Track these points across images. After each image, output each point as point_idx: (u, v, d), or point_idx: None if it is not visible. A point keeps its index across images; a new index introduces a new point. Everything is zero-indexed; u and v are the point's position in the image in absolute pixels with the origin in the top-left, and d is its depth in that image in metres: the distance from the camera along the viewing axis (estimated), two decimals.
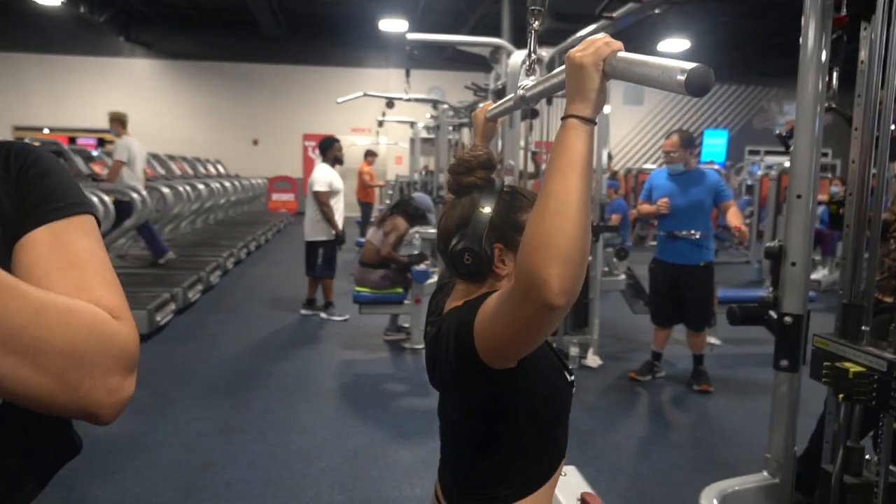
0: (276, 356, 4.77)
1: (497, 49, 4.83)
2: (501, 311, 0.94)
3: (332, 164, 5.74)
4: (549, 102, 4.87)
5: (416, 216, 5.09)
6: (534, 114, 5.20)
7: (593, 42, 0.87)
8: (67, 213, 0.70)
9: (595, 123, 0.89)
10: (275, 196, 15.71)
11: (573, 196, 0.84)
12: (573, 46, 0.91)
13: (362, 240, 5.90)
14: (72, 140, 13.96)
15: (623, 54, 0.84)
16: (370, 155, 10.94)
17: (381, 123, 10.82)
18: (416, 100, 7.02)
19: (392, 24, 12.00)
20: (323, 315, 5.94)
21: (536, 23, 1.14)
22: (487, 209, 1.16)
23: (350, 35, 14.26)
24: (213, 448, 3.21)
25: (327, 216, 5.60)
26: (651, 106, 17.04)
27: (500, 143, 5.33)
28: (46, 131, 15.05)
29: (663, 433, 3.63)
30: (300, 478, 2.93)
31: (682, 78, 0.73)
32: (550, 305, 0.83)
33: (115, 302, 0.64)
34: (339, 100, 7.38)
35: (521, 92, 1.23)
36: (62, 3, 11.34)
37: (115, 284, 0.67)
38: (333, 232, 5.64)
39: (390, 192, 12.71)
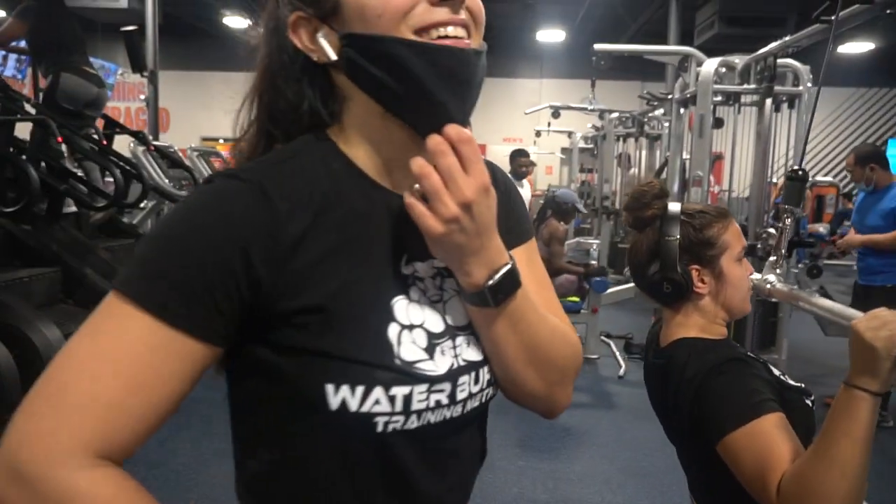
0: None
1: (686, 57, 4.73)
2: (742, 474, 1.01)
3: (515, 178, 5.85)
4: (739, 111, 4.68)
5: (566, 212, 5.11)
6: (718, 123, 5.04)
7: (884, 321, 0.90)
8: (530, 235, 0.79)
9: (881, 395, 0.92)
10: None
11: (860, 468, 0.89)
12: (770, 56, 0.91)
13: None
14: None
15: None
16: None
17: (538, 133, 10.88)
18: (601, 110, 7.02)
19: (549, 35, 12.05)
20: None
21: None
22: (674, 236, 1.19)
23: (504, 46, 14.49)
24: None
25: None
26: (825, 113, 15.80)
27: (683, 153, 5.21)
28: (221, 141, 16.60)
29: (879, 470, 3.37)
30: (502, 475, 3.04)
31: None
32: None
33: (567, 319, 0.76)
34: (527, 111, 7.55)
35: (767, 286, 1.31)
36: (248, 24, 12.48)
37: (560, 305, 0.79)
38: None
39: (541, 201, 12.73)
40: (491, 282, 0.63)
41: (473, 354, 0.67)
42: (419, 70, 0.60)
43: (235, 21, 11.83)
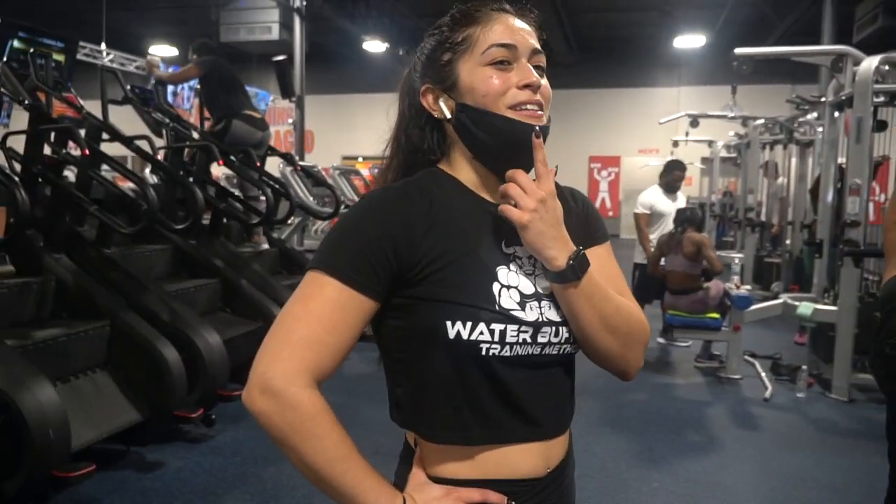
0: None
1: (840, 57, 4.39)
2: None
3: (666, 189, 5.65)
4: None
5: (702, 223, 4.97)
6: (881, 126, 4.61)
7: None
8: (606, 238, 1.04)
9: None
10: None
11: None
12: None
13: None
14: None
15: None
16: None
17: (676, 143, 10.46)
18: (743, 117, 6.67)
19: (688, 41, 11.60)
20: (660, 340, 5.70)
21: None
22: None
23: (641, 55, 14.10)
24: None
25: (640, 238, 5.57)
26: None
27: (839, 158, 4.82)
28: (360, 159, 17.44)
29: None
30: (635, 495, 2.95)
31: None
32: None
33: (637, 306, 0.97)
34: (662, 120, 7.37)
35: None
36: (386, 48, 13.08)
37: (630, 292, 0.99)
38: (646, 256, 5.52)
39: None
40: (572, 261, 0.87)
41: (554, 315, 0.91)
42: (505, 135, 0.89)
43: (374, 45, 12.45)
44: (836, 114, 4.77)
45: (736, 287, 4.66)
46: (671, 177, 5.61)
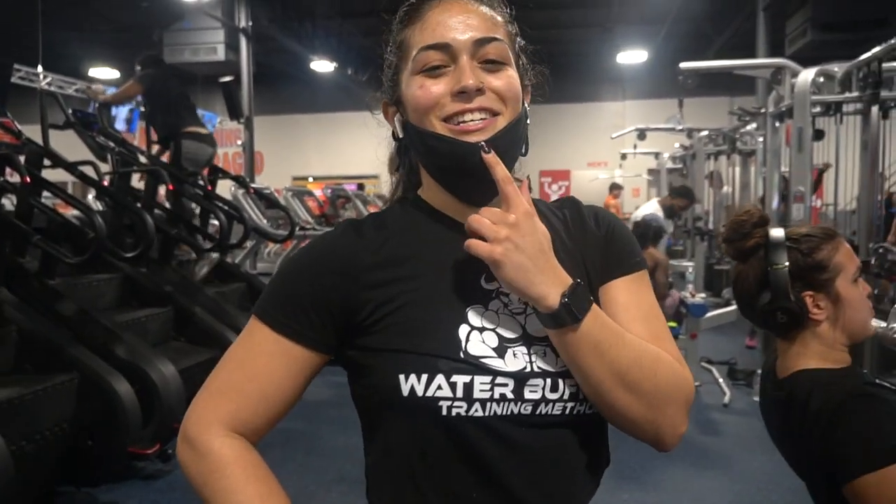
0: None
1: (779, 70, 4.56)
2: None
3: (667, 214, 5.67)
4: (840, 121, 4.45)
5: (658, 236, 5.01)
6: (819, 135, 4.80)
7: None
8: (640, 268, 0.82)
9: None
10: None
11: None
12: (874, 61, 0.86)
13: None
14: (338, 185, 15.85)
15: None
16: (615, 188, 10.88)
17: (624, 156, 10.70)
18: (689, 129, 6.87)
19: (630, 56, 11.91)
20: None
21: None
22: (782, 263, 1.14)
23: (586, 71, 14.42)
24: None
25: None
26: None
27: (781, 168, 4.99)
28: (311, 179, 17.26)
29: None
30: None
31: None
32: None
33: (678, 355, 0.77)
34: (614, 135, 7.53)
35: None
36: (334, 68, 13.03)
37: (670, 335, 0.80)
38: None
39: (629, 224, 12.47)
40: (566, 299, 0.68)
41: (550, 364, 0.73)
42: (443, 158, 0.75)
43: (322, 65, 12.38)
44: (777, 124, 4.94)
45: (691, 295, 4.76)
46: (669, 198, 5.67)
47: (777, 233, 1.18)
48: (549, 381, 0.72)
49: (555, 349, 0.73)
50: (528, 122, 0.81)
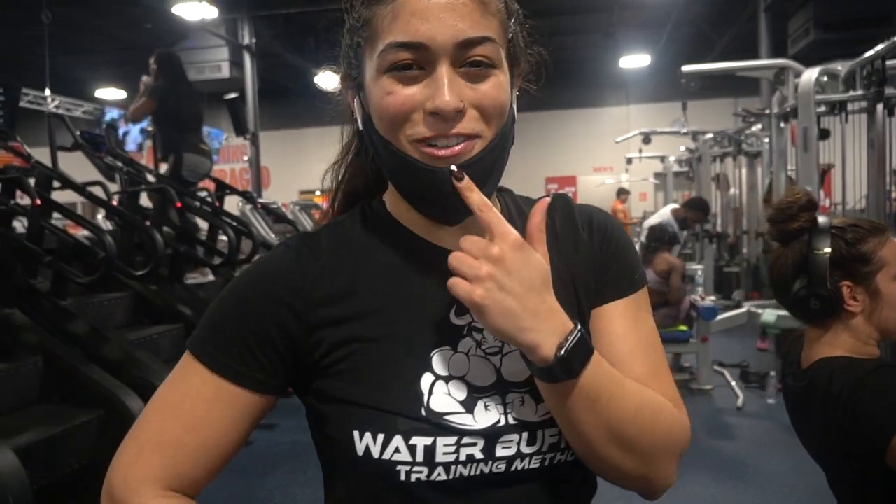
0: None
1: (782, 70, 4.56)
2: None
3: (679, 224, 5.66)
4: (846, 120, 4.43)
5: (674, 241, 5.00)
6: (824, 135, 4.79)
7: None
8: (639, 286, 0.72)
9: None
10: None
11: None
12: (878, 59, 0.85)
13: None
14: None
15: None
16: (623, 193, 10.88)
17: (630, 160, 10.70)
18: (694, 132, 6.87)
19: (633, 61, 11.92)
20: None
21: None
22: (825, 249, 1.12)
23: (590, 76, 14.45)
24: None
25: None
26: None
27: (787, 168, 4.98)
28: (317, 193, 17.33)
29: None
30: None
31: None
32: None
33: (675, 394, 0.69)
34: (618, 139, 7.51)
35: None
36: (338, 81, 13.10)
37: (668, 369, 0.72)
38: None
39: (637, 229, 12.45)
40: (563, 351, 0.57)
41: (528, 414, 0.63)
42: (409, 180, 0.63)
43: (326, 78, 12.47)
44: (782, 124, 4.94)
45: (701, 298, 4.74)
46: (691, 216, 5.66)
47: (824, 219, 1.17)
48: (525, 434, 0.63)
49: (535, 396, 0.64)
50: (515, 122, 0.68)
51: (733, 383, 4.63)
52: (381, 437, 0.60)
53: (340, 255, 0.67)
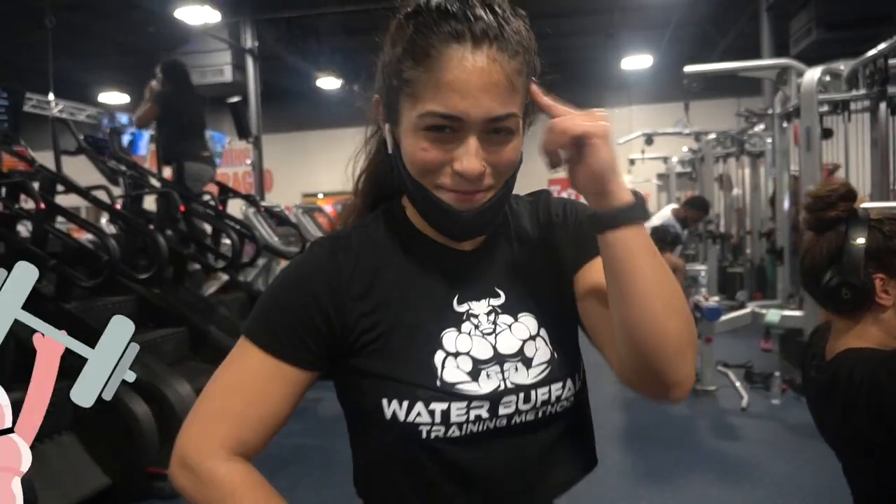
0: None
1: (784, 70, 4.55)
2: None
3: (680, 223, 5.63)
4: (849, 119, 4.43)
5: (676, 242, 4.98)
6: (827, 134, 4.78)
7: None
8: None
9: None
10: None
11: None
12: (880, 58, 0.85)
13: None
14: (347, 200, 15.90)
15: None
16: None
17: (632, 162, 10.68)
18: (697, 133, 6.86)
19: (635, 62, 11.92)
20: None
21: None
22: (860, 240, 1.11)
23: (591, 78, 14.44)
24: None
25: None
26: None
27: (790, 168, 4.97)
28: (321, 196, 17.34)
29: None
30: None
31: None
32: None
33: None
34: (620, 141, 7.52)
35: None
36: (341, 84, 13.12)
37: None
38: None
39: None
40: (636, 198, 0.72)
41: (522, 378, 0.78)
42: (430, 213, 0.78)
43: (328, 82, 12.48)
44: (785, 124, 4.93)
45: (705, 299, 4.73)
46: (684, 211, 5.66)
47: (862, 209, 1.17)
48: (521, 395, 0.78)
49: (525, 363, 0.79)
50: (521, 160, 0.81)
51: (738, 384, 4.62)
52: (405, 403, 0.75)
53: (367, 255, 0.81)
